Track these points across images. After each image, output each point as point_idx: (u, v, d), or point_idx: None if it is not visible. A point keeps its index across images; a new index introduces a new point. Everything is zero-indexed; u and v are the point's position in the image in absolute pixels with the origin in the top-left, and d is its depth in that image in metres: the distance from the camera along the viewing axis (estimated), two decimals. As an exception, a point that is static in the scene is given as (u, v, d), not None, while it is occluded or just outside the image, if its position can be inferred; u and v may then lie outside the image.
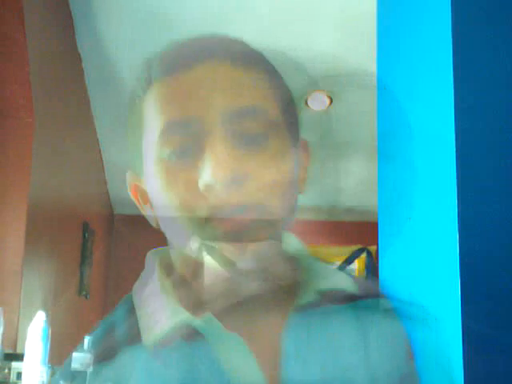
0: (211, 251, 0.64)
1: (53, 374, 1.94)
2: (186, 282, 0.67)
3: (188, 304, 0.66)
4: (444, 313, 1.04)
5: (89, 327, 0.71)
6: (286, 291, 0.69)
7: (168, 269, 0.70)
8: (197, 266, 0.66)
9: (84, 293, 3.46)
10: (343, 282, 0.71)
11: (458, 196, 1.03)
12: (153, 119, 0.65)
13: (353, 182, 4.44)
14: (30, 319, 2.19)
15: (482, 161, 1.05)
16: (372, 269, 5.13)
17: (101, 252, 3.97)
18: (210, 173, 0.61)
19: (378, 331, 0.70)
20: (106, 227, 4.27)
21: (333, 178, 4.46)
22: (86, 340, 0.65)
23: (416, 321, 1.14)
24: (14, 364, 2.09)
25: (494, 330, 0.99)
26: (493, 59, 1.08)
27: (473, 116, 1.06)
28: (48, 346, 2.04)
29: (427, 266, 1.14)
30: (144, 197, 0.70)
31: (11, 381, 2.08)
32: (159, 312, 0.66)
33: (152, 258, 0.71)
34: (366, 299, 0.72)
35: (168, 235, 0.69)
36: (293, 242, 0.72)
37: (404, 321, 1.15)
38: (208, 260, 0.64)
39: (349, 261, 5.21)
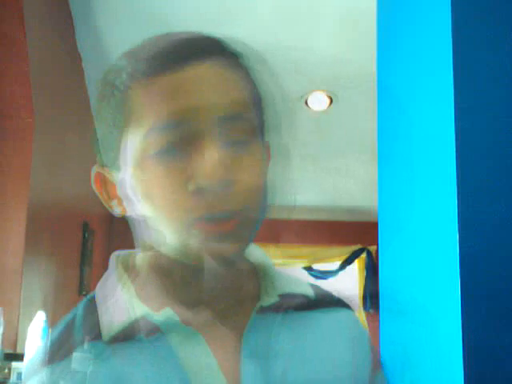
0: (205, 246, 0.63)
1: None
2: (149, 281, 0.68)
3: (149, 301, 0.66)
4: (444, 313, 1.04)
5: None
6: (249, 294, 0.70)
7: (130, 268, 0.71)
8: (167, 265, 0.66)
9: (84, 293, 3.46)
10: (302, 287, 0.74)
11: (457, 196, 1.03)
12: (141, 116, 0.64)
13: (353, 182, 4.44)
14: (30, 319, 2.19)
15: (481, 161, 1.05)
16: (372, 269, 5.14)
17: (101, 252, 3.97)
18: (203, 175, 0.61)
19: (339, 338, 0.72)
20: (106, 227, 4.27)
21: (333, 178, 4.46)
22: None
23: (416, 320, 1.14)
24: (14, 364, 2.09)
25: (493, 330, 0.99)
26: (493, 59, 1.08)
27: (473, 116, 1.06)
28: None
29: (427, 266, 1.14)
30: (111, 190, 0.69)
31: (11, 381, 2.08)
32: (119, 308, 0.66)
33: (114, 259, 0.72)
34: (329, 307, 0.75)
35: (138, 230, 0.68)
36: (255, 251, 0.73)
37: (404, 320, 1.15)
38: (182, 256, 0.64)
39: (349, 261, 5.22)
